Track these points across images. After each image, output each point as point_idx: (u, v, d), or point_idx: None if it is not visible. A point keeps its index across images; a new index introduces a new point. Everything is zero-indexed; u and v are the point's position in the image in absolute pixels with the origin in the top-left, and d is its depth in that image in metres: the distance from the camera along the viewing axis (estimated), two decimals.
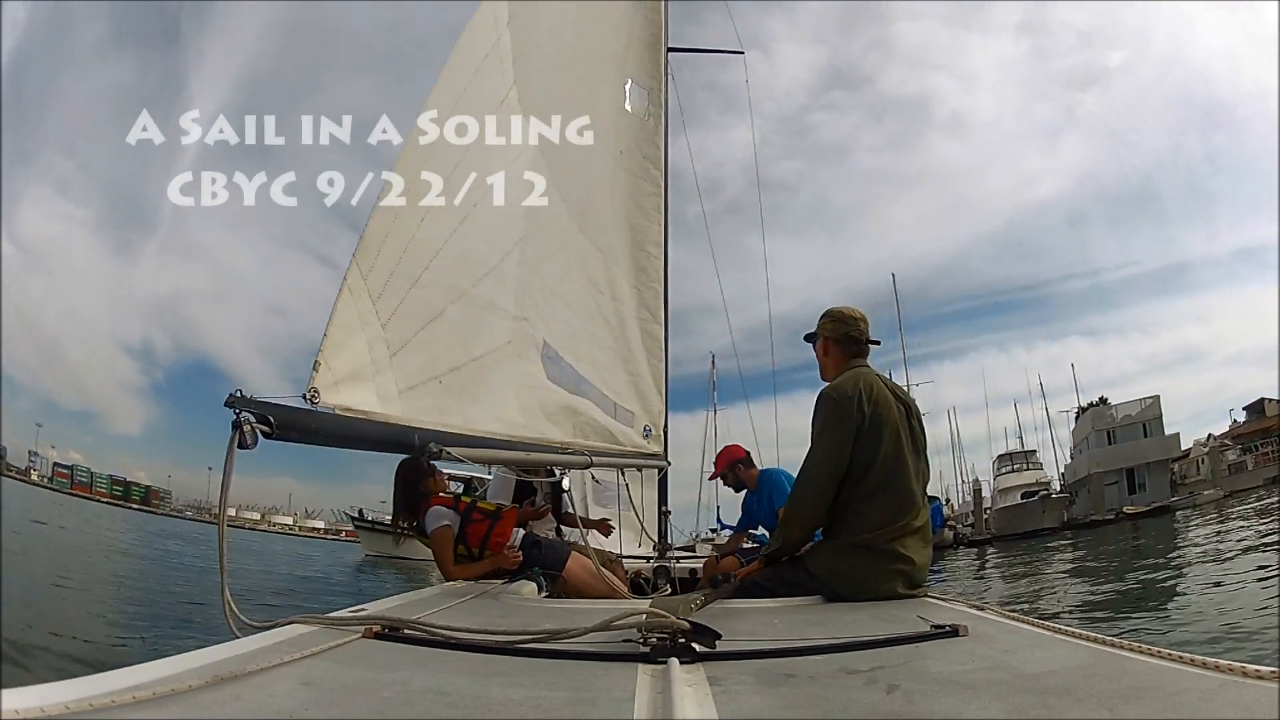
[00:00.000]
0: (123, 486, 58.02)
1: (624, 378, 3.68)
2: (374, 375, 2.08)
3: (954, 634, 1.33)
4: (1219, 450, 25.76)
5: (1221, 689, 0.91)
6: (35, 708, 0.76)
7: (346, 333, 2.02)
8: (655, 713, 0.87)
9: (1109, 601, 7.75)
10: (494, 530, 2.77)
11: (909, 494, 2.10)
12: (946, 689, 0.98)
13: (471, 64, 2.65)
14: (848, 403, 2.12)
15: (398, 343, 2.18)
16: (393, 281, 2.19)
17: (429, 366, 2.27)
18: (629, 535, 4.68)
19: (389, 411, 2.09)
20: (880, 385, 2.21)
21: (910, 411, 2.22)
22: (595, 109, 3.58)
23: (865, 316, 2.37)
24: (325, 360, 1.93)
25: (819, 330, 2.40)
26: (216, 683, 0.93)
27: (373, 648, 1.27)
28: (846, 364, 2.31)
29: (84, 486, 55.09)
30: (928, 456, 2.25)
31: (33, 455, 56.03)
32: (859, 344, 2.34)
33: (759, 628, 1.61)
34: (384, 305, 2.15)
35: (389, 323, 2.15)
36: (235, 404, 1.60)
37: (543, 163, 2.96)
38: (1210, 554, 10.73)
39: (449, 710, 0.90)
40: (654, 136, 4.19)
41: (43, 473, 55.04)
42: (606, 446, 3.31)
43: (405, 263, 2.25)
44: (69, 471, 56.86)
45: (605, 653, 1.21)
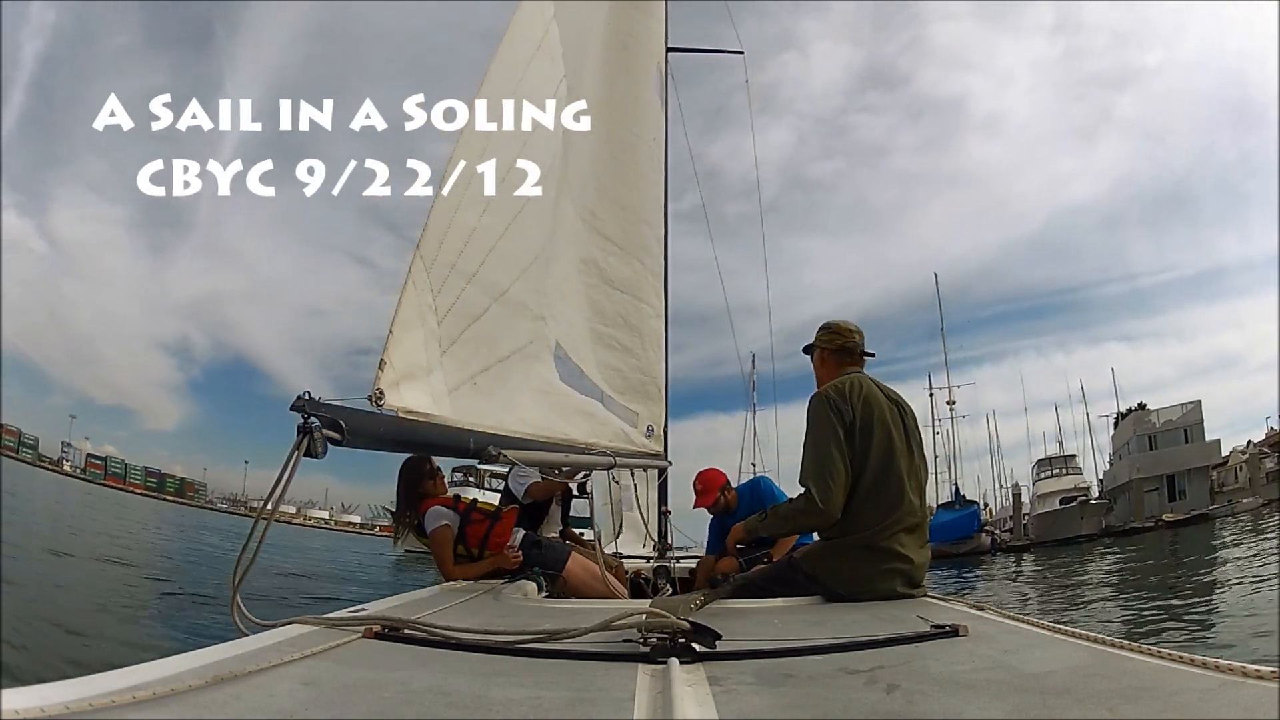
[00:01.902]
0: (157, 479, 58.93)
1: (626, 378, 3.68)
2: (427, 375, 1.97)
3: (954, 634, 1.33)
4: (1258, 458, 25.06)
5: (1221, 689, 0.91)
6: (35, 708, 0.76)
7: (406, 328, 1.91)
8: (655, 713, 0.87)
9: (1155, 620, 7.24)
10: (494, 530, 2.77)
11: (901, 492, 2.10)
12: (946, 689, 0.98)
13: (523, 56, 2.56)
14: (836, 401, 2.16)
15: (448, 340, 2.07)
16: (452, 276, 2.08)
17: (465, 366, 2.19)
18: (636, 536, 4.68)
19: (441, 412, 1.99)
20: (871, 386, 2.23)
21: (903, 411, 2.24)
22: (595, 105, 3.59)
23: (861, 330, 2.44)
24: (389, 358, 1.80)
25: (816, 342, 2.47)
26: (216, 683, 0.93)
27: (373, 648, 1.27)
28: (841, 373, 2.34)
29: (117, 478, 56.11)
30: (924, 456, 2.26)
31: (66, 447, 57.12)
32: (854, 354, 2.40)
33: (759, 628, 1.61)
34: (442, 301, 2.03)
35: (444, 320, 2.05)
36: (304, 408, 1.44)
37: (551, 156, 2.95)
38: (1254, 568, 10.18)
39: (449, 710, 0.90)
40: (656, 134, 4.19)
41: (75, 464, 55.90)
42: (621, 446, 3.30)
43: (465, 257, 2.14)
44: (102, 463, 57.79)
45: (605, 653, 1.21)
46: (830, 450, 2.10)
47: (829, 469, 2.09)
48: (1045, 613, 8.71)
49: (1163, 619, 7.23)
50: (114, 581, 7.81)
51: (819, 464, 2.11)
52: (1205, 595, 8.63)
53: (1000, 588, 14.07)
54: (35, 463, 49.61)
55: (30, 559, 8.10)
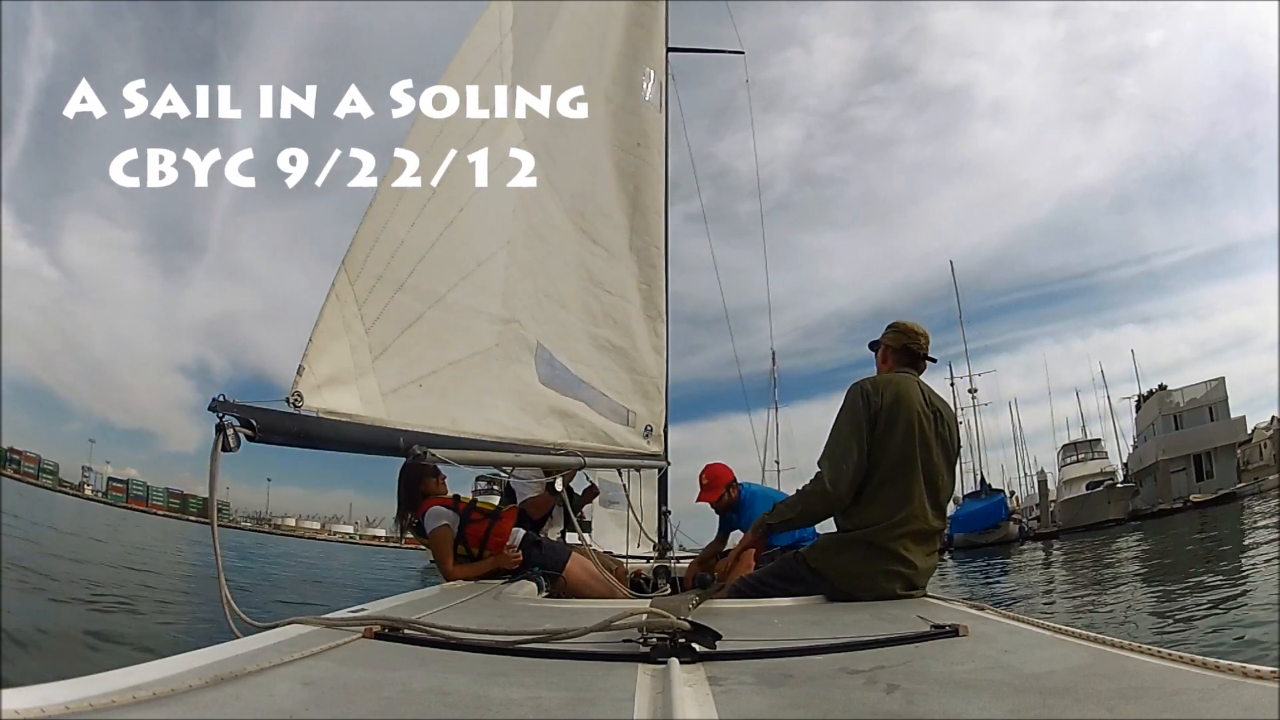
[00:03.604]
0: (179, 500, 59.18)
1: (624, 378, 3.67)
2: (356, 379, 2.10)
3: (954, 634, 1.33)
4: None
5: (1221, 689, 0.91)
6: (35, 708, 0.76)
7: (330, 337, 2.04)
8: (655, 713, 0.87)
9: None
10: (493, 530, 2.78)
11: (911, 495, 2.09)
12: (946, 689, 0.98)
13: (476, 62, 2.63)
14: (869, 391, 2.17)
15: (379, 347, 2.20)
16: (379, 287, 2.20)
17: (408, 370, 2.29)
18: (633, 536, 4.67)
19: (373, 414, 2.11)
20: (912, 387, 2.21)
21: (942, 420, 2.21)
22: (596, 102, 3.58)
23: (928, 334, 2.40)
24: (308, 364, 1.94)
25: (882, 339, 2.46)
26: (216, 683, 0.93)
27: (373, 648, 1.27)
28: (894, 371, 2.34)
29: (140, 500, 56.69)
30: (952, 470, 2.23)
31: (86, 471, 57.62)
32: (915, 357, 2.38)
33: (759, 628, 1.61)
34: (369, 310, 2.17)
35: (372, 327, 2.17)
36: (219, 408, 1.65)
37: (537, 160, 2.96)
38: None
39: (449, 710, 0.90)
40: (656, 132, 4.19)
41: (97, 488, 56.38)
42: (602, 447, 3.31)
43: (393, 267, 2.26)
44: (124, 486, 58.34)
45: (605, 653, 1.21)
46: (848, 435, 2.13)
47: (843, 452, 2.12)
48: (1084, 610, 8.24)
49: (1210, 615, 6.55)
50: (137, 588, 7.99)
51: (834, 446, 2.15)
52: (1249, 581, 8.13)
53: (1030, 578, 13.55)
54: (56, 488, 49.98)
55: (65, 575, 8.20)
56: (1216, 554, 11.81)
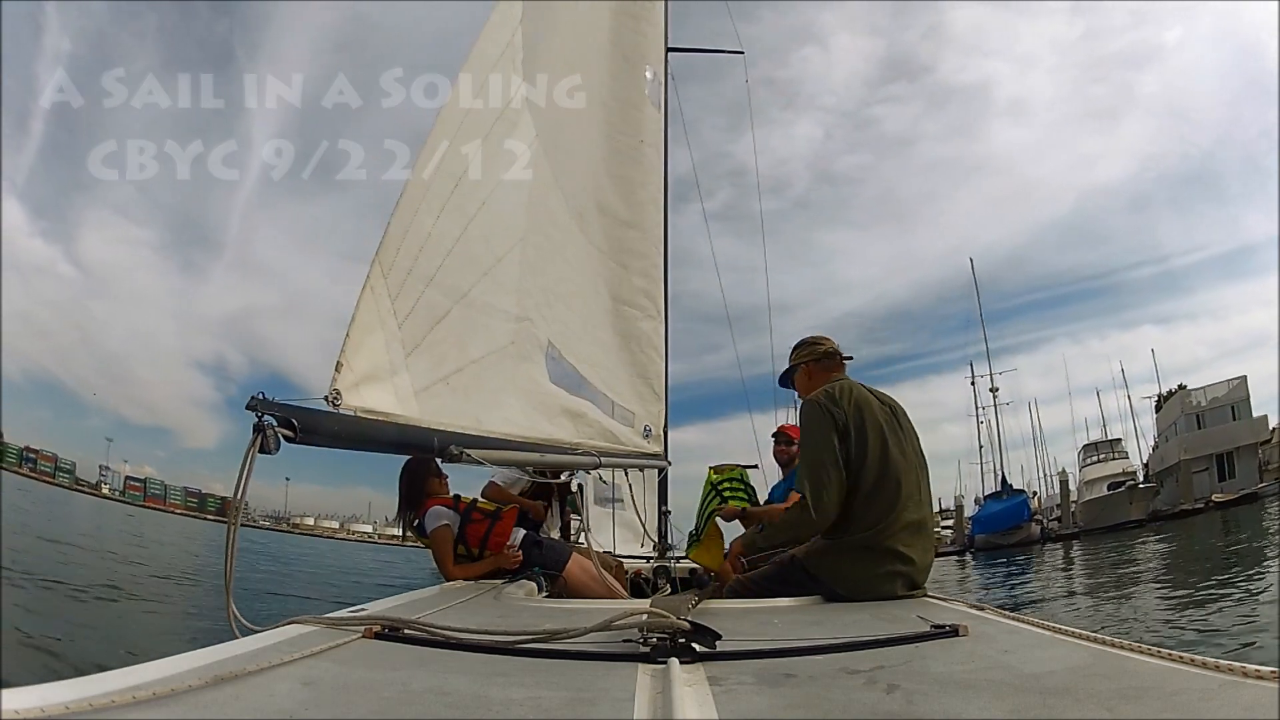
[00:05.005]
0: (197, 498, 59.12)
1: (625, 378, 3.68)
2: (391, 376, 2.05)
3: (954, 634, 1.33)
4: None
5: (1221, 689, 0.91)
6: (35, 708, 0.76)
7: (365, 332, 1.99)
8: (655, 713, 0.87)
9: None
10: (494, 530, 2.78)
11: (900, 491, 2.10)
12: (946, 689, 0.98)
13: (493, 56, 2.64)
14: (827, 405, 2.17)
15: (411, 343, 2.15)
16: (409, 281, 2.16)
17: (436, 368, 2.26)
18: (632, 535, 4.67)
19: (407, 413, 2.06)
20: (861, 389, 2.24)
21: (896, 412, 2.25)
22: (594, 98, 3.58)
23: (831, 337, 2.48)
24: (347, 360, 1.89)
25: (794, 362, 2.49)
26: (216, 683, 0.93)
27: (373, 648, 1.27)
28: (829, 381, 2.35)
29: (157, 499, 56.37)
30: (923, 455, 2.25)
31: (104, 470, 57.58)
32: (834, 358, 2.42)
33: (759, 628, 1.61)
34: (401, 305, 2.12)
35: (405, 322, 2.12)
36: (257, 407, 1.56)
37: (546, 156, 2.96)
38: None
39: (449, 710, 0.90)
40: (655, 131, 4.19)
41: (114, 486, 56.21)
42: (610, 446, 3.31)
43: (421, 261, 2.21)
44: (141, 484, 58.07)
45: (605, 653, 1.21)
46: (822, 455, 2.11)
47: (821, 475, 2.09)
48: (1127, 619, 7.68)
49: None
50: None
51: (811, 470, 2.12)
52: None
53: (1068, 582, 13.18)
54: (74, 487, 49.82)
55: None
56: (1253, 552, 11.57)
